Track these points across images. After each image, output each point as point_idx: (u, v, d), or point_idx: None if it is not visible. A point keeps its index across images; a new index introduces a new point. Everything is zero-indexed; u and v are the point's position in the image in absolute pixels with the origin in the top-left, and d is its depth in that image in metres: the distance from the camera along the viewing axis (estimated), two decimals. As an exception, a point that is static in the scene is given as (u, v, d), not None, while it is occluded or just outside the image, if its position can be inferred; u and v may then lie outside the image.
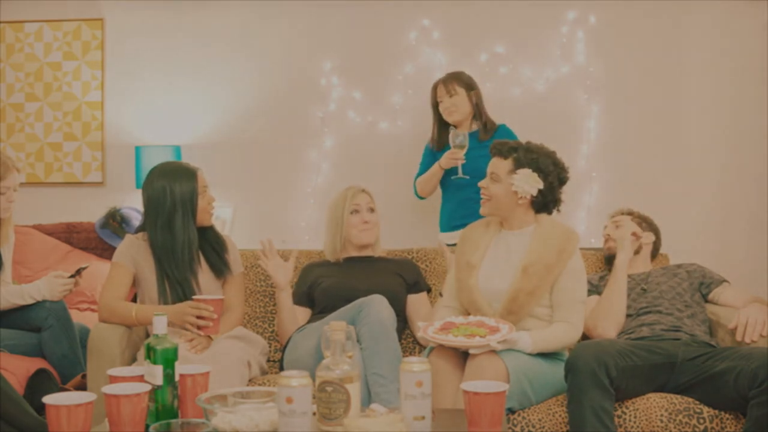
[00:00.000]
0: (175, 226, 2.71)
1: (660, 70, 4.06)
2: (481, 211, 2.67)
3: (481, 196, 2.65)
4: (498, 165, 2.62)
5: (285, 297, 2.90)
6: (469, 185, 3.32)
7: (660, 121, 4.07)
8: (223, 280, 2.86)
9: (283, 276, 2.90)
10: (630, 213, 3.13)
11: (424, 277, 3.10)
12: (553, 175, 2.59)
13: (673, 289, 2.81)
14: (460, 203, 3.45)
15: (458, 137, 3.34)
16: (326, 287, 2.92)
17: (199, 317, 2.58)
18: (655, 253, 3.12)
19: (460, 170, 3.35)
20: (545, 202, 2.63)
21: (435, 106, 3.57)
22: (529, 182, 2.57)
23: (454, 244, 3.45)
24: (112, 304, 2.69)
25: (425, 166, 3.56)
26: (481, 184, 2.66)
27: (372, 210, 3.04)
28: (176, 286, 2.71)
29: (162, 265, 2.72)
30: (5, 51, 4.46)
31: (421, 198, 3.62)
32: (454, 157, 3.34)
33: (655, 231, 3.11)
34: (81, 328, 3.10)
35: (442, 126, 3.55)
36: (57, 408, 1.66)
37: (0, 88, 4.46)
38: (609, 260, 3.03)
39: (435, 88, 3.57)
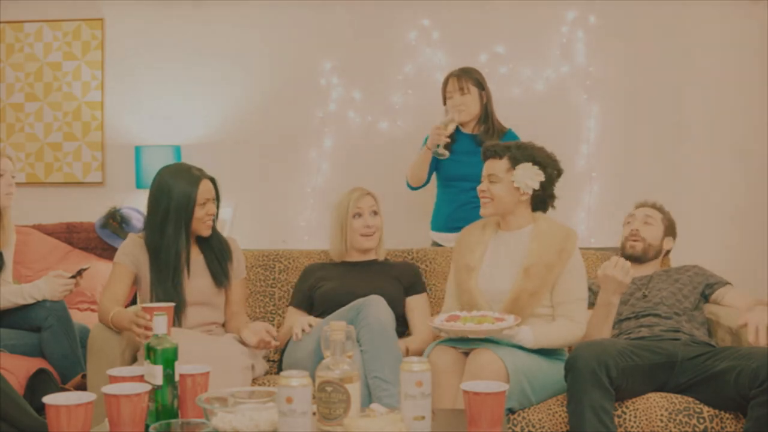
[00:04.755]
0: (167, 229, 2.65)
1: (660, 69, 4.05)
2: (482, 212, 2.65)
3: (481, 199, 2.64)
4: (494, 166, 2.62)
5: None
6: (472, 189, 3.30)
7: (660, 121, 4.07)
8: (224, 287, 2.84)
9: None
10: (660, 211, 2.99)
11: (425, 278, 3.08)
12: (551, 167, 2.62)
13: (674, 295, 2.78)
14: (461, 206, 3.39)
15: (448, 112, 3.25)
16: (325, 291, 2.90)
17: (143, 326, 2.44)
18: (664, 257, 3.09)
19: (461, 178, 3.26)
20: (543, 198, 2.65)
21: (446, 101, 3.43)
22: (531, 176, 2.58)
23: (440, 245, 3.46)
24: (104, 306, 2.66)
25: None
26: (479, 188, 2.64)
27: (375, 213, 2.99)
28: (160, 289, 2.66)
29: (153, 266, 2.69)
30: (5, 51, 4.46)
31: (413, 188, 3.52)
32: (437, 132, 3.23)
33: (675, 236, 3.04)
34: (81, 328, 3.10)
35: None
36: (57, 408, 1.65)
37: (0, 88, 4.46)
38: (630, 258, 2.84)
39: (446, 82, 3.44)
